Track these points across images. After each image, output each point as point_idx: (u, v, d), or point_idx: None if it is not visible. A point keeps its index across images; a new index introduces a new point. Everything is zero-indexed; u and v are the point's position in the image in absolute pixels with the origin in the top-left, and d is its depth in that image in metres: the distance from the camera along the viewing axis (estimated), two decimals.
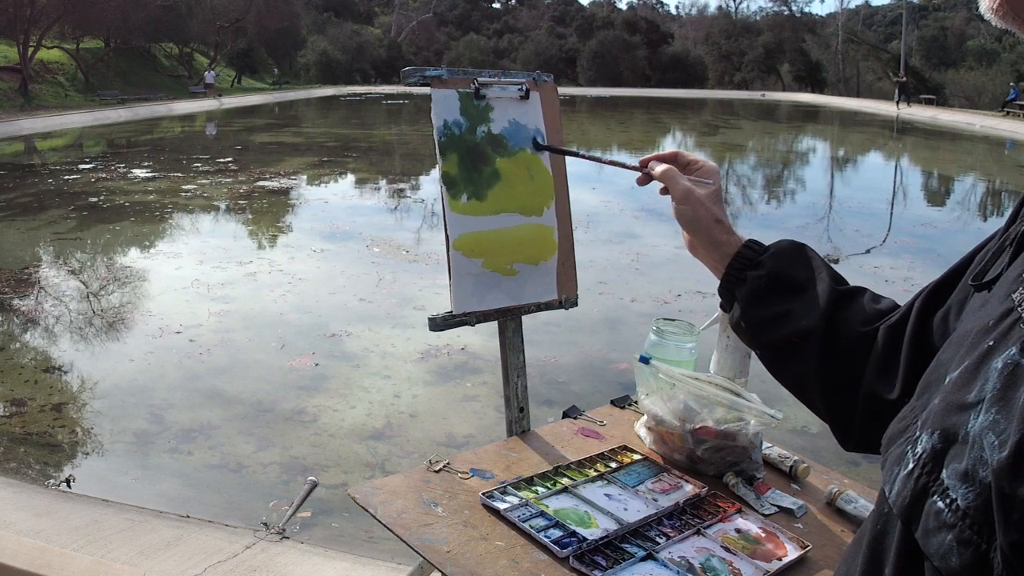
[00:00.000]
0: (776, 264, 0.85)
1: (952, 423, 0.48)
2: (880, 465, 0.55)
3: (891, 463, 0.53)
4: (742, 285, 0.86)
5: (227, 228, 8.80)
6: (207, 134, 21.29)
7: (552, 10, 68.73)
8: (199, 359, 4.53)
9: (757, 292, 0.85)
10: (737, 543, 1.15)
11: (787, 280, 0.84)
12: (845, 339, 0.79)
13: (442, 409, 3.94)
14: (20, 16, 24.72)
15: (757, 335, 0.86)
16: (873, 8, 74.40)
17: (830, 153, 20.36)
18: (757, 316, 0.85)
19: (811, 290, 0.82)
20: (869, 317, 0.79)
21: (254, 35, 42.90)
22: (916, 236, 8.82)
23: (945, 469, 0.47)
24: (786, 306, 0.82)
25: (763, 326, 0.84)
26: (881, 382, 0.74)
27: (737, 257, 0.88)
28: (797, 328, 0.81)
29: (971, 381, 0.49)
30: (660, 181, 0.98)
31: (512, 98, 1.44)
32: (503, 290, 1.44)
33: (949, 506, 0.46)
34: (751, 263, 0.87)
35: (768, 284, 0.85)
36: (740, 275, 0.87)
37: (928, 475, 0.48)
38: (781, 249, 0.87)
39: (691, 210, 0.93)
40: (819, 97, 46.11)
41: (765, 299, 0.84)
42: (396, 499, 1.20)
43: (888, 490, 0.52)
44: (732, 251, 0.88)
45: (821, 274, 0.84)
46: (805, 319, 0.80)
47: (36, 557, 2.22)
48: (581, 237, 6.61)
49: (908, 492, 0.49)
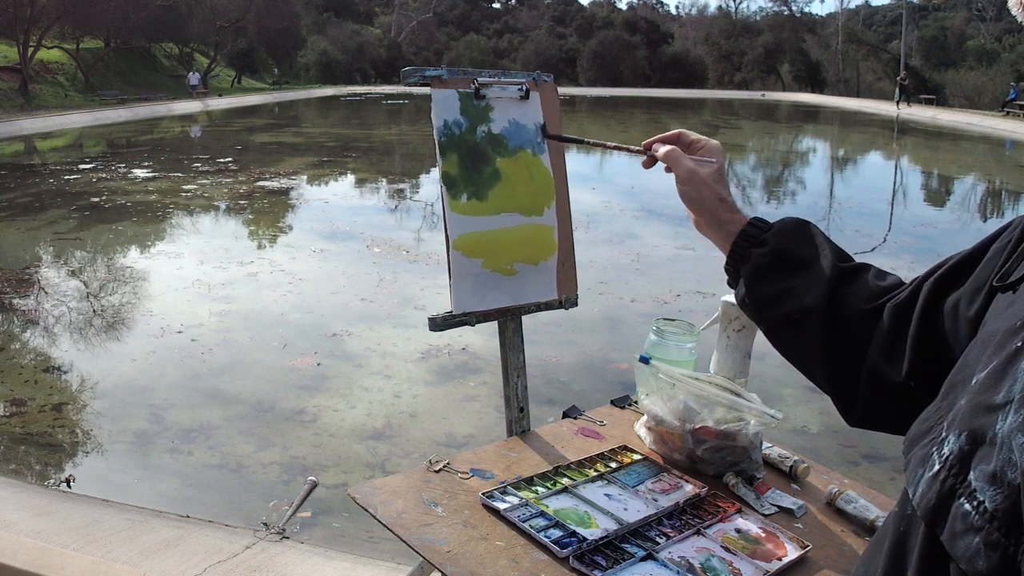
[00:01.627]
0: (780, 241, 0.86)
1: (980, 424, 0.47)
2: (903, 467, 0.55)
3: (915, 464, 0.52)
4: (747, 262, 0.87)
5: (228, 228, 8.81)
6: (192, 137, 21.02)
7: (552, 10, 68.75)
8: (200, 359, 4.53)
9: (760, 269, 0.85)
10: (737, 543, 1.15)
11: (790, 257, 0.84)
12: (848, 316, 0.79)
13: (442, 409, 3.94)
14: (20, 16, 24.73)
15: (761, 311, 0.86)
16: (873, 8, 74.50)
17: (830, 153, 20.36)
18: (761, 293, 0.85)
19: (814, 267, 0.82)
20: (873, 293, 0.79)
21: (254, 35, 42.90)
22: (916, 236, 8.82)
23: (972, 471, 0.46)
24: (789, 283, 0.83)
25: (767, 303, 0.85)
26: (886, 362, 0.74)
27: (742, 235, 0.88)
28: (800, 305, 0.81)
29: (999, 382, 0.48)
30: (663, 162, 0.98)
31: (512, 98, 1.44)
32: (503, 290, 1.44)
33: (976, 508, 0.45)
34: (755, 241, 0.87)
35: (771, 261, 0.85)
36: (744, 253, 0.87)
37: (955, 477, 0.48)
38: (785, 226, 0.87)
39: (694, 190, 0.93)
40: (819, 97, 46.10)
41: (768, 276, 0.85)
42: (396, 499, 1.20)
43: (912, 492, 0.51)
44: (737, 229, 0.89)
45: (824, 251, 0.84)
46: (807, 296, 0.81)
47: (36, 557, 2.22)
48: (581, 237, 6.60)
49: (934, 494, 0.49)
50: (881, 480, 3.29)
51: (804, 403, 4.02)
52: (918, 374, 0.71)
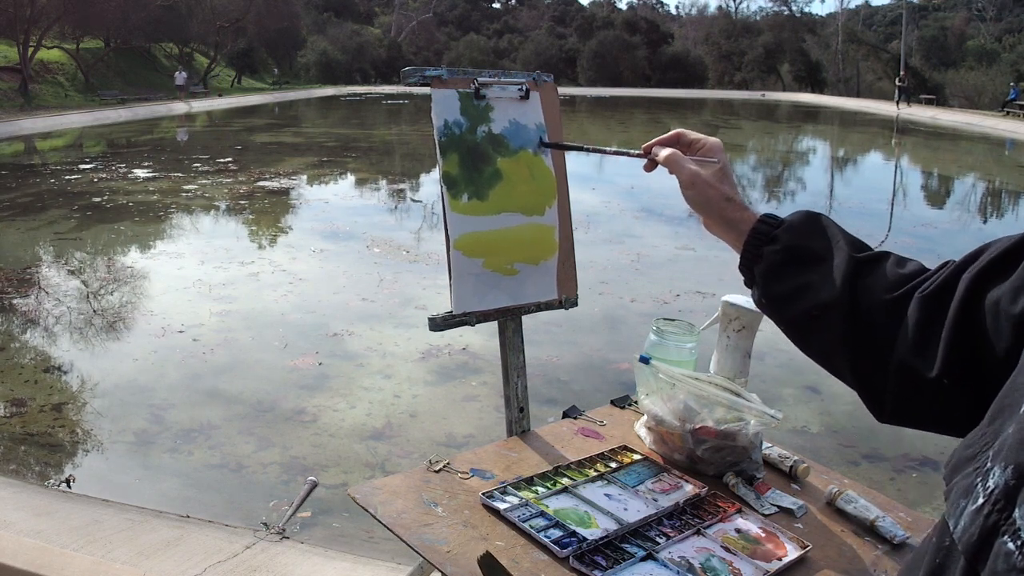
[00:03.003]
0: (791, 237, 0.83)
1: None
2: (944, 494, 0.52)
3: (957, 495, 0.49)
4: (759, 261, 0.84)
5: (228, 228, 8.81)
6: (179, 140, 20.62)
7: (552, 10, 68.75)
8: (201, 359, 4.53)
9: (774, 267, 0.83)
10: (737, 543, 1.15)
11: (803, 252, 0.81)
12: (870, 307, 0.75)
13: (442, 409, 3.94)
14: (20, 16, 24.73)
15: (778, 310, 0.83)
16: (873, 8, 74.51)
17: (830, 153, 20.36)
18: (776, 292, 0.82)
19: (829, 260, 0.79)
20: (895, 282, 0.75)
21: (254, 35, 42.88)
22: (916, 236, 8.82)
23: (1018, 508, 0.44)
24: (804, 278, 0.80)
25: (783, 301, 0.82)
26: (917, 357, 0.70)
27: (753, 234, 0.85)
28: (817, 300, 0.78)
29: None
30: (664, 166, 0.96)
31: (512, 98, 1.44)
32: (503, 290, 1.44)
33: (1020, 548, 0.43)
34: (766, 238, 0.84)
35: (784, 258, 0.82)
36: (757, 251, 0.84)
37: (999, 513, 0.45)
38: (796, 221, 0.84)
39: (699, 193, 0.90)
40: (819, 97, 46.10)
41: (782, 274, 0.82)
42: (396, 499, 1.20)
43: (953, 524, 0.48)
44: (748, 228, 0.86)
45: (839, 242, 0.81)
46: (824, 290, 0.77)
47: (36, 557, 2.22)
48: (581, 237, 6.61)
49: (976, 529, 0.46)
50: (881, 480, 3.30)
51: (804, 403, 4.02)
52: (954, 371, 0.67)
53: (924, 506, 3.04)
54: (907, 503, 1.44)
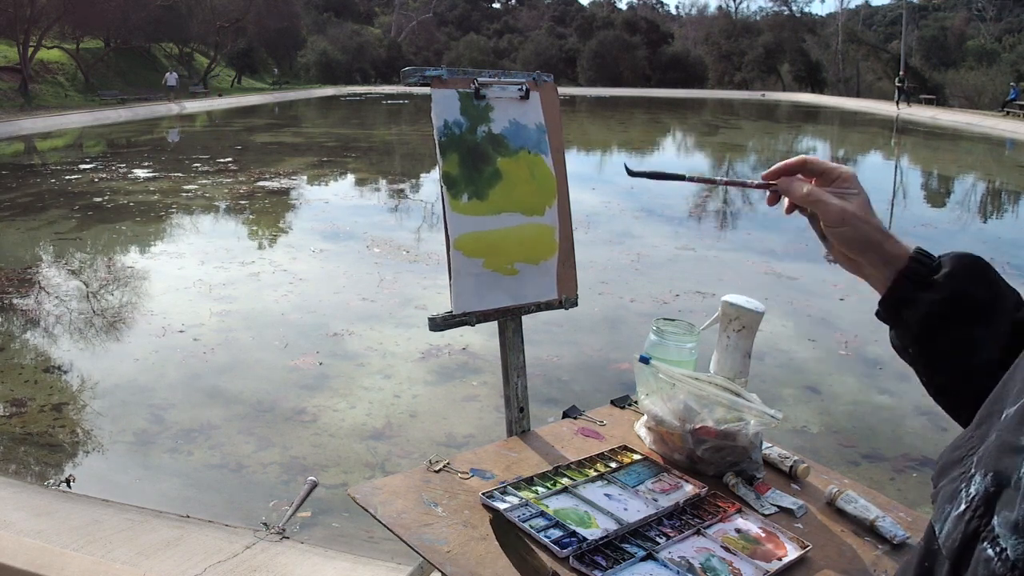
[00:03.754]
0: (956, 285, 0.74)
1: (1005, 466, 0.45)
2: (931, 498, 0.52)
3: (943, 499, 0.50)
4: (911, 306, 0.76)
5: (229, 228, 8.81)
6: (179, 140, 20.43)
7: (552, 10, 68.74)
8: (202, 359, 4.53)
9: (933, 318, 0.75)
10: (737, 543, 1.15)
11: (969, 303, 0.74)
12: None
13: (442, 409, 3.94)
14: (20, 16, 24.73)
15: (931, 364, 0.76)
16: (873, 8, 74.47)
17: (830, 153, 20.34)
18: (934, 346, 0.75)
19: (996, 315, 0.73)
20: None
21: (254, 35, 42.88)
22: (916, 236, 8.80)
23: (996, 515, 0.44)
24: (967, 332, 0.73)
25: (941, 356, 0.75)
26: None
27: (906, 274, 0.77)
28: (980, 360, 0.72)
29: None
30: (803, 204, 0.83)
31: (512, 98, 1.44)
32: (503, 290, 1.44)
33: (999, 555, 0.43)
34: (924, 283, 0.76)
35: (947, 309, 0.74)
36: (910, 296, 0.76)
37: (980, 519, 0.45)
38: (959, 266, 0.76)
39: (853, 231, 0.80)
40: (819, 97, 46.09)
41: (943, 326, 0.74)
42: (396, 499, 1.20)
43: (938, 528, 0.49)
44: (902, 265, 0.77)
45: (1004, 300, 0.74)
46: (987, 350, 0.71)
47: (36, 557, 2.22)
48: (581, 237, 6.61)
49: (959, 534, 0.46)
50: (881, 480, 3.30)
51: (804, 403, 4.02)
52: None
53: (924, 506, 3.04)
54: (907, 503, 1.44)
